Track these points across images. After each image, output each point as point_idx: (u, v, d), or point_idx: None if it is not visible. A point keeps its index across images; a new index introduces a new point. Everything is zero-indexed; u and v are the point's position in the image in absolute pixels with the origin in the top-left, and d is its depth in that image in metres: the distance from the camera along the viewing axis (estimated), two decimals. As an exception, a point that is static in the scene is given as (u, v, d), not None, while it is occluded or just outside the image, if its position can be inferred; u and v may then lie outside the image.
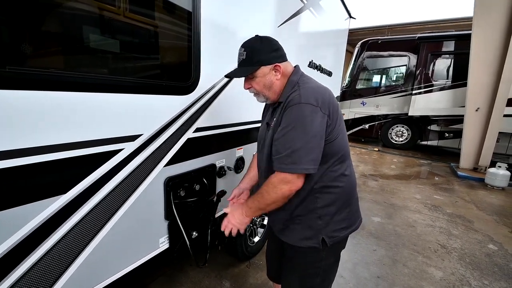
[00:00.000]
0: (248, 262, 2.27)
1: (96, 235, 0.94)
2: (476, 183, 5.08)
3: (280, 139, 0.96)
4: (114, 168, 0.94)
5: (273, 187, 0.97)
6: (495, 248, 2.79)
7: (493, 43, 4.90)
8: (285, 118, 0.95)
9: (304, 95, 0.95)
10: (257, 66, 1.02)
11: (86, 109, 0.84)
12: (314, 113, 0.93)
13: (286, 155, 0.93)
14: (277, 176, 0.96)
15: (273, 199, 0.98)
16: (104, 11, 0.90)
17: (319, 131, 0.93)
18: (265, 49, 1.03)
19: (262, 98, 1.11)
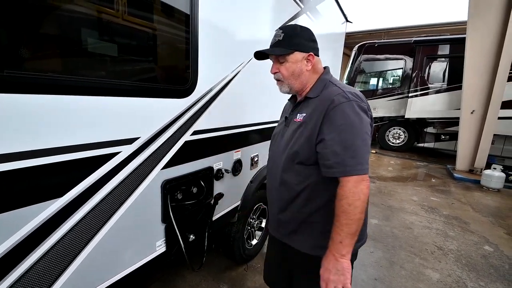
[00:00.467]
0: (246, 265, 2.27)
1: (92, 238, 0.94)
2: (472, 184, 5.13)
3: (335, 139, 0.89)
4: (111, 171, 0.94)
5: (353, 194, 0.86)
6: (491, 250, 2.81)
7: (487, 47, 4.98)
8: (336, 116, 0.90)
9: (350, 93, 0.94)
10: (292, 49, 0.99)
11: (83, 113, 0.84)
12: (364, 112, 0.93)
13: (350, 156, 0.87)
14: (355, 180, 0.87)
15: (360, 207, 0.87)
16: (102, 14, 0.91)
17: (369, 129, 0.93)
18: (304, 36, 1.01)
19: (286, 87, 1.06)
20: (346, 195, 0.87)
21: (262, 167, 2.08)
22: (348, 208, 0.87)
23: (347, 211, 0.87)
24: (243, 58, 1.58)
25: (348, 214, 0.87)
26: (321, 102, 0.97)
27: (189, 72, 1.20)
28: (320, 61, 1.07)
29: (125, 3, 0.96)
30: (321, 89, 1.02)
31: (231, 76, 1.49)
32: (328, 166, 0.91)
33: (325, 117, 0.93)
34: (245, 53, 1.60)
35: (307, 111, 1.00)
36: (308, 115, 0.99)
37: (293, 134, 1.02)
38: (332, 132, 0.90)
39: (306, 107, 1.02)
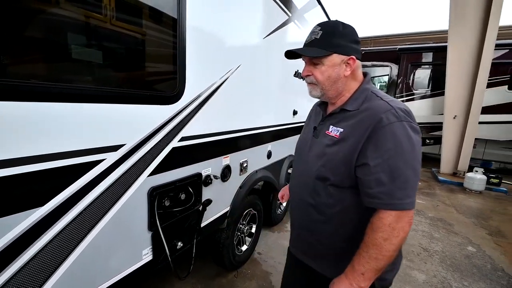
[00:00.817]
0: (236, 272, 2.25)
1: (75, 248, 0.92)
2: (455, 187, 5.30)
3: (382, 165, 0.77)
4: (94, 179, 0.92)
5: (392, 229, 0.76)
6: (474, 250, 2.90)
7: (467, 55, 5.22)
8: (385, 138, 0.77)
9: (400, 110, 0.79)
10: (330, 50, 0.85)
11: (64, 119, 0.83)
12: (417, 134, 0.79)
13: (398, 187, 0.76)
14: (391, 216, 0.76)
15: (396, 245, 0.77)
16: (87, 19, 0.90)
17: (421, 156, 0.80)
18: (346, 35, 0.86)
19: (318, 92, 0.93)
20: (384, 229, 0.77)
21: (252, 172, 2.09)
22: (383, 243, 0.77)
23: (381, 246, 0.77)
24: (232, 65, 1.60)
25: (381, 250, 0.77)
26: (365, 118, 0.83)
27: (177, 79, 1.20)
28: (360, 66, 0.93)
29: (111, 8, 0.95)
30: (361, 101, 0.87)
31: (219, 83, 1.50)
32: (371, 195, 0.79)
33: (371, 138, 0.79)
34: (234, 60, 1.62)
35: (345, 127, 0.87)
36: (347, 132, 0.85)
37: (325, 150, 0.90)
38: (378, 158, 0.77)
39: (344, 122, 0.89)
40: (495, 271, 2.52)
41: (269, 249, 2.65)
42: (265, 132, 2.20)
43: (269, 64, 2.11)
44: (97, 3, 0.91)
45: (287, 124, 2.66)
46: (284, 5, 2.13)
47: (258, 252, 2.57)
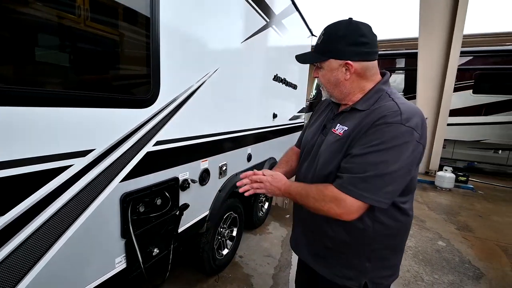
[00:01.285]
0: (217, 276, 2.22)
1: (41, 258, 0.87)
2: (428, 185, 5.60)
3: (361, 156, 0.78)
4: (61, 185, 0.89)
5: (322, 199, 0.82)
6: (444, 244, 3.08)
7: (435, 62, 5.57)
8: (376, 134, 0.77)
9: (406, 114, 0.77)
10: (325, 57, 0.87)
11: (29, 124, 0.79)
12: (412, 141, 0.75)
13: (361, 178, 0.76)
14: (336, 194, 0.79)
15: (315, 207, 0.84)
16: (52, 20, 0.87)
17: (411, 163, 0.77)
18: (345, 40, 0.84)
19: (325, 93, 0.96)
20: (320, 192, 0.83)
21: (231, 175, 2.09)
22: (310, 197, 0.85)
23: (308, 197, 0.86)
24: (209, 69, 1.60)
25: (306, 198, 0.86)
26: (369, 115, 0.82)
27: (150, 82, 1.18)
28: (372, 67, 0.89)
29: (77, 6, 0.92)
30: (374, 101, 0.86)
31: (196, 86, 1.50)
32: (339, 175, 0.82)
33: (364, 133, 0.80)
34: (211, 63, 1.62)
35: (349, 125, 0.87)
36: (350, 130, 0.86)
37: (329, 148, 0.90)
38: (361, 149, 0.78)
39: (350, 120, 0.88)
40: (463, 264, 2.69)
41: (250, 252, 2.65)
42: (245, 135, 2.22)
43: (248, 68, 2.13)
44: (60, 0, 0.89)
45: (267, 127, 2.70)
46: (261, 10, 2.17)
47: (239, 255, 2.56)
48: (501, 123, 6.33)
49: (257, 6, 2.08)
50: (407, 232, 0.97)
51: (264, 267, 2.43)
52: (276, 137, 3.05)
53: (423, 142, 0.79)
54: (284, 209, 3.84)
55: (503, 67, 6.24)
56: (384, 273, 0.92)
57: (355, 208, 0.79)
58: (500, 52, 6.47)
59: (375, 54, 0.88)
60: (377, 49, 0.88)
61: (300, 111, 3.96)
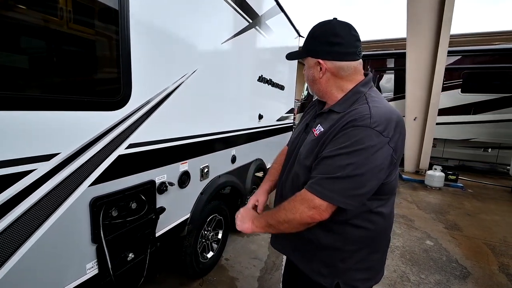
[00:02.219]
0: (201, 280, 2.20)
1: (3, 265, 0.85)
2: (418, 184, 5.64)
3: (330, 158, 0.79)
4: (22, 191, 0.86)
5: (293, 206, 0.83)
6: (431, 244, 3.10)
7: (423, 62, 5.63)
8: (344, 137, 0.78)
9: (376, 117, 0.77)
10: (304, 55, 0.93)
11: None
12: (381, 144, 0.75)
13: (329, 178, 0.77)
14: (304, 195, 0.81)
15: (288, 218, 0.83)
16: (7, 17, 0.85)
17: (379, 166, 0.77)
18: (320, 39, 0.87)
19: (310, 90, 1.00)
20: (291, 200, 0.85)
21: (214, 178, 2.07)
22: (281, 209, 0.86)
23: (279, 210, 0.87)
24: (187, 70, 1.59)
25: (277, 213, 0.87)
26: (341, 119, 0.83)
27: (120, 83, 1.16)
28: (347, 67, 0.87)
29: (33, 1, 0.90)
30: (350, 103, 0.86)
31: (172, 88, 1.48)
32: (311, 176, 0.83)
33: (333, 137, 0.81)
34: (189, 64, 1.61)
35: (325, 126, 0.88)
36: (324, 131, 0.87)
37: (305, 148, 0.92)
38: (331, 150, 0.79)
39: (327, 121, 0.89)
40: (450, 263, 2.70)
41: (237, 254, 2.63)
42: (228, 137, 2.20)
43: (230, 69, 2.12)
44: None
45: (252, 128, 2.69)
46: (243, 11, 2.17)
47: (225, 258, 2.54)
48: (489, 121, 6.43)
49: (238, 7, 2.08)
50: (386, 235, 0.97)
51: (250, 269, 2.41)
52: (263, 138, 3.05)
53: (393, 146, 0.78)
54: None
55: (490, 66, 6.35)
56: (358, 276, 0.91)
57: (324, 207, 0.79)
58: (487, 51, 6.58)
59: (353, 55, 0.86)
60: (355, 49, 0.86)
61: (288, 111, 3.96)
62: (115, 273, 1.25)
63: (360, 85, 0.89)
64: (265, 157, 3.16)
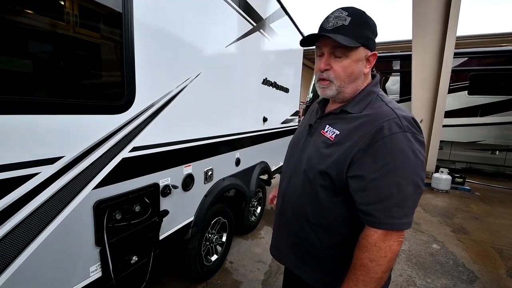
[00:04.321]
0: (205, 283, 2.19)
1: (7, 267, 0.85)
2: (424, 187, 5.54)
3: (380, 180, 0.70)
4: (26, 194, 0.87)
5: (378, 249, 0.71)
6: (438, 247, 3.04)
7: (429, 63, 5.57)
8: (384, 151, 0.70)
9: (405, 118, 0.72)
10: (360, 43, 0.75)
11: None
12: (421, 146, 0.72)
13: (395, 205, 0.69)
14: (376, 234, 0.71)
15: (385, 266, 0.71)
16: (11, 22, 0.86)
17: (424, 171, 0.73)
18: (372, 28, 0.77)
19: (333, 90, 0.82)
20: (370, 248, 0.72)
21: (218, 180, 2.07)
22: (369, 264, 0.71)
23: (367, 267, 0.72)
24: (191, 73, 1.60)
25: (368, 271, 0.71)
26: (365, 124, 0.75)
27: (124, 87, 1.17)
28: None
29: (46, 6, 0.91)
30: (365, 104, 0.79)
31: (176, 91, 1.49)
32: (366, 212, 0.73)
33: (368, 148, 0.72)
34: (193, 68, 1.61)
35: (342, 130, 0.80)
36: (344, 136, 0.78)
37: (319, 151, 0.83)
38: (376, 171, 0.70)
39: (342, 124, 0.81)
40: (457, 267, 2.65)
41: (241, 257, 2.61)
42: (232, 140, 2.20)
43: (234, 72, 2.12)
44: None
45: (256, 131, 2.68)
46: (247, 15, 2.17)
47: (230, 261, 2.53)
48: (497, 123, 6.32)
49: (242, 11, 2.08)
50: None
51: (254, 273, 2.39)
52: (267, 141, 3.04)
53: (424, 144, 0.76)
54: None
55: (497, 68, 6.25)
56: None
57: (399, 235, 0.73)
58: (494, 53, 6.48)
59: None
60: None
61: (293, 114, 3.95)
62: (119, 276, 1.25)
63: (372, 85, 0.83)
64: (270, 160, 3.15)
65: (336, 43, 0.75)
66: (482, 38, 8.81)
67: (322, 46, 0.80)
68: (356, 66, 0.78)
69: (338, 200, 0.82)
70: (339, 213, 0.83)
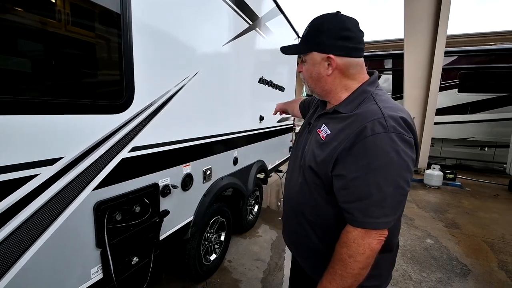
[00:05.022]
0: (204, 282, 2.19)
1: (6, 273, 0.83)
2: (417, 183, 5.68)
3: (360, 179, 0.72)
4: (26, 196, 0.85)
5: (357, 245, 0.72)
6: (432, 242, 3.11)
7: (420, 62, 5.68)
8: (364, 151, 0.71)
9: (392, 118, 0.72)
10: (308, 49, 0.84)
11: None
12: (407, 146, 0.71)
13: (374, 204, 0.71)
14: (356, 231, 0.73)
15: (362, 263, 0.72)
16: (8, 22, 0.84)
17: (410, 171, 0.73)
18: (329, 32, 0.80)
19: (307, 88, 0.92)
20: (349, 244, 0.74)
21: (217, 179, 2.07)
22: (347, 259, 0.73)
23: (345, 262, 0.73)
24: (189, 72, 1.59)
25: (346, 266, 0.73)
26: (351, 124, 0.77)
27: (123, 86, 1.15)
28: (356, 64, 0.83)
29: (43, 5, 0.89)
30: (357, 104, 0.81)
31: (174, 90, 1.47)
32: (347, 210, 0.76)
33: (351, 148, 0.73)
34: (190, 67, 1.60)
35: (333, 129, 0.83)
36: (333, 135, 0.81)
37: (313, 149, 0.86)
38: (356, 171, 0.72)
39: (334, 124, 0.84)
40: (450, 261, 2.72)
41: (240, 256, 2.62)
42: (230, 139, 2.20)
43: (230, 71, 2.12)
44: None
45: (253, 130, 2.69)
46: (244, 13, 2.17)
47: (228, 260, 2.53)
48: (486, 120, 6.50)
49: (239, 9, 2.08)
50: (395, 238, 0.93)
51: (253, 271, 2.40)
52: (264, 139, 3.05)
53: (414, 145, 0.74)
54: (277, 212, 3.83)
55: (486, 66, 6.42)
56: (370, 283, 0.85)
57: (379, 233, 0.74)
58: (483, 51, 6.65)
59: (360, 51, 0.83)
60: (363, 46, 0.83)
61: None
62: (120, 277, 1.23)
63: (366, 84, 0.84)
64: (267, 158, 3.16)
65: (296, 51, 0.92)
66: (472, 37, 9.01)
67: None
68: (313, 68, 0.86)
69: (329, 198, 0.84)
70: (331, 211, 0.85)
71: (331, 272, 0.77)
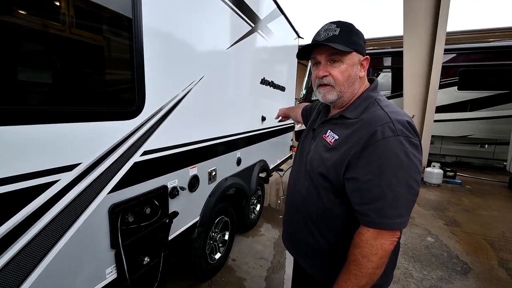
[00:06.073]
0: (210, 281, 2.24)
1: (29, 275, 0.88)
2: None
3: (373, 181, 0.74)
4: (48, 201, 0.90)
5: (370, 246, 0.74)
6: (432, 240, 3.16)
7: (420, 59, 5.69)
8: (376, 155, 0.74)
9: (399, 122, 0.75)
10: (351, 48, 0.81)
11: (15, 142, 0.80)
12: (415, 149, 0.74)
13: (388, 205, 0.73)
14: (369, 232, 0.75)
15: (376, 263, 0.74)
16: (29, 34, 0.88)
17: (419, 173, 0.76)
18: (359, 35, 0.83)
19: (334, 95, 0.86)
20: (362, 245, 0.76)
21: (221, 180, 2.11)
22: (361, 259, 0.75)
23: (359, 263, 0.76)
24: (195, 77, 1.63)
25: (360, 266, 0.76)
26: (360, 129, 0.79)
27: (135, 94, 1.20)
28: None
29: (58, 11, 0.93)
30: (363, 109, 0.84)
31: (182, 95, 1.51)
32: (360, 212, 0.78)
33: (363, 152, 0.76)
34: (196, 71, 1.64)
35: (340, 134, 0.85)
36: (341, 141, 0.83)
37: (320, 155, 0.88)
38: (369, 173, 0.74)
39: (341, 129, 0.86)
40: (451, 259, 2.77)
41: (243, 255, 2.67)
42: (233, 140, 2.24)
43: (234, 73, 2.16)
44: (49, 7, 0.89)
45: (255, 131, 2.73)
46: (246, 16, 2.20)
47: (232, 258, 2.58)
48: (485, 118, 6.53)
49: (241, 12, 2.11)
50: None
51: (257, 269, 2.45)
52: (266, 139, 3.09)
53: (420, 147, 0.78)
54: (278, 210, 3.88)
55: (486, 64, 6.44)
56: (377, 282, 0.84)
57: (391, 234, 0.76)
58: (482, 49, 6.67)
59: None
60: None
61: (290, 113, 4.00)
62: (133, 276, 1.28)
63: (369, 90, 0.88)
64: (268, 158, 3.20)
65: (332, 50, 0.82)
66: (471, 33, 9.03)
67: (317, 56, 0.87)
68: (352, 70, 0.84)
69: (338, 201, 0.87)
70: (339, 213, 0.88)
71: (346, 272, 0.79)
